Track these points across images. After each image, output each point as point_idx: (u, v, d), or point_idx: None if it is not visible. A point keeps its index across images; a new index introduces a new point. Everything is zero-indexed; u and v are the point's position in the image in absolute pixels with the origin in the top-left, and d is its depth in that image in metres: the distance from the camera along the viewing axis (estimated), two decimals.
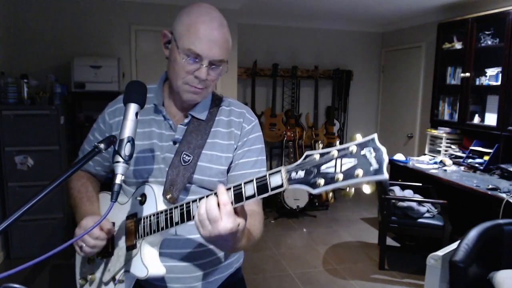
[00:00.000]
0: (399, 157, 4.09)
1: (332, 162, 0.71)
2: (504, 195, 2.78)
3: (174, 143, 1.08)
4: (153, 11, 4.21)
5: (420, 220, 3.21)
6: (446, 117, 4.20)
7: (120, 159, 0.84)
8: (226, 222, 0.79)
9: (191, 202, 0.87)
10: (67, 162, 3.50)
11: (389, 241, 3.93)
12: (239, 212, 0.82)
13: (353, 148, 0.69)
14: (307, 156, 0.74)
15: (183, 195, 1.07)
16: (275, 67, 5.09)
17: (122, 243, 1.04)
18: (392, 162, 4.11)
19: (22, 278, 3.00)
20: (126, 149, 0.84)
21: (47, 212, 3.38)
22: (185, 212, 0.89)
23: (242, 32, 4.87)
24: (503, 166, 3.33)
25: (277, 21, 5.20)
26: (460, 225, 3.26)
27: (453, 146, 4.08)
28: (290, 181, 0.75)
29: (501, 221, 2.08)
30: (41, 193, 0.73)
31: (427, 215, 3.24)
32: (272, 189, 0.77)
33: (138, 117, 1.00)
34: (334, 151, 0.70)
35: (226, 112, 1.14)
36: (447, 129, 4.13)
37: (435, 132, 4.24)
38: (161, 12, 4.22)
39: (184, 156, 1.06)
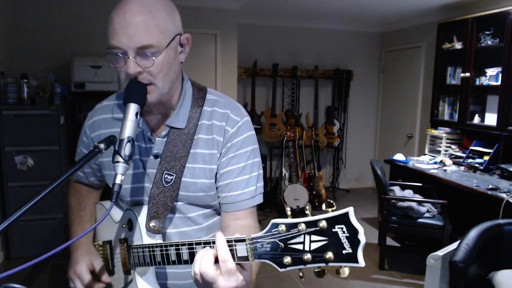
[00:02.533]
0: (399, 157, 4.09)
1: (301, 238, 0.62)
2: (504, 195, 2.78)
3: (156, 157, 0.99)
4: None
5: (420, 220, 3.21)
6: (446, 117, 4.20)
7: (120, 159, 0.83)
8: (227, 282, 0.69)
9: (168, 246, 0.84)
10: (67, 162, 3.50)
11: (389, 241, 3.93)
12: (242, 264, 0.72)
13: (323, 223, 0.59)
14: (273, 226, 0.65)
15: (170, 215, 1.00)
16: (275, 67, 5.09)
17: (119, 265, 1.02)
18: (392, 162, 4.11)
19: (22, 278, 3.00)
20: (126, 149, 0.83)
21: (47, 212, 3.38)
22: (164, 255, 0.85)
23: (242, 32, 4.87)
24: (503, 166, 3.33)
25: (277, 21, 5.20)
26: (460, 225, 3.26)
27: (453, 146, 4.08)
28: (256, 254, 0.67)
29: (501, 221, 2.08)
30: (41, 193, 0.73)
31: (427, 215, 3.24)
32: (238, 258, 0.70)
33: (119, 129, 0.99)
34: (302, 225, 0.61)
35: (208, 114, 1.00)
36: (447, 129, 4.13)
37: (435, 132, 4.24)
38: None
39: (166, 176, 0.96)
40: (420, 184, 3.62)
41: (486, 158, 3.54)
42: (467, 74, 3.80)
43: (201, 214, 1.04)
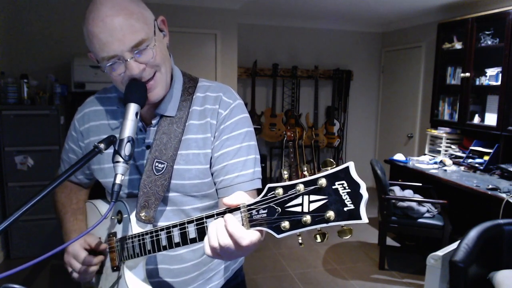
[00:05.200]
0: (399, 157, 4.08)
1: (299, 199, 0.59)
2: (504, 195, 2.78)
3: (147, 147, 0.97)
4: (153, 11, 4.21)
5: (420, 220, 3.21)
6: (446, 117, 4.20)
7: (120, 159, 0.82)
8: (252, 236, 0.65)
9: (159, 231, 0.82)
10: None
11: (389, 241, 3.93)
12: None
13: (322, 181, 0.56)
14: (269, 190, 0.62)
15: (162, 207, 0.97)
16: (275, 67, 5.09)
17: (108, 263, 0.99)
18: (392, 162, 4.11)
19: (22, 278, 3.00)
20: (126, 149, 0.83)
21: (47, 212, 3.37)
22: (155, 241, 0.83)
23: (242, 32, 4.87)
24: (503, 166, 3.33)
25: (277, 21, 5.20)
26: (460, 225, 3.26)
27: (453, 146, 4.08)
28: (252, 222, 0.64)
29: (501, 221, 2.08)
30: (41, 193, 0.73)
31: (427, 215, 3.24)
32: None
33: (109, 121, 0.96)
34: (300, 186, 0.58)
35: (200, 100, 0.99)
36: (447, 129, 4.13)
37: (435, 132, 4.24)
38: (161, 13, 4.20)
39: (157, 164, 0.93)
40: (420, 184, 3.62)
41: (486, 158, 3.54)
42: (467, 74, 3.80)
43: (196, 207, 1.01)
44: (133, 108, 0.86)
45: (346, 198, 0.54)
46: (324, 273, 3.30)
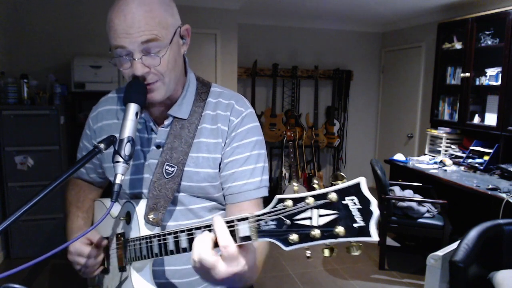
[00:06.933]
0: (399, 157, 4.09)
1: (308, 213, 0.58)
2: (504, 195, 2.78)
3: (158, 147, 0.98)
4: None
5: (420, 220, 3.21)
6: (446, 117, 4.20)
7: (120, 159, 0.82)
8: (228, 267, 0.66)
9: (166, 235, 0.81)
10: (67, 162, 3.50)
11: (389, 241, 3.93)
12: (245, 247, 0.68)
13: (332, 196, 0.56)
14: (279, 201, 0.62)
15: (170, 207, 0.98)
16: (275, 67, 5.09)
17: (115, 262, 1.00)
18: (392, 162, 4.11)
19: (22, 278, 3.00)
20: (126, 149, 0.83)
21: (47, 212, 3.38)
22: (162, 245, 0.83)
23: (242, 32, 4.87)
24: (503, 166, 3.33)
25: (277, 21, 5.20)
26: (460, 225, 3.26)
27: (453, 146, 4.08)
28: (260, 233, 0.63)
29: (501, 221, 2.08)
30: (41, 193, 0.73)
31: (427, 215, 3.24)
32: (240, 239, 0.65)
33: (120, 120, 0.96)
34: (309, 199, 0.58)
35: (213, 105, 1.00)
36: (447, 129, 4.13)
37: (435, 132, 4.24)
38: None
39: (167, 168, 0.94)
40: (420, 184, 3.62)
41: (486, 158, 3.54)
42: (467, 74, 3.80)
43: (204, 207, 1.01)
44: (133, 108, 0.87)
45: (356, 215, 0.54)
46: (324, 273, 3.30)
